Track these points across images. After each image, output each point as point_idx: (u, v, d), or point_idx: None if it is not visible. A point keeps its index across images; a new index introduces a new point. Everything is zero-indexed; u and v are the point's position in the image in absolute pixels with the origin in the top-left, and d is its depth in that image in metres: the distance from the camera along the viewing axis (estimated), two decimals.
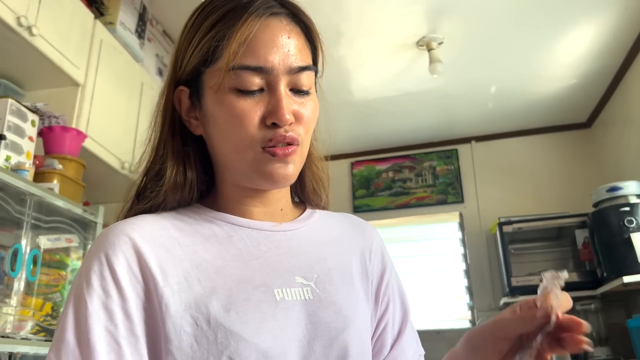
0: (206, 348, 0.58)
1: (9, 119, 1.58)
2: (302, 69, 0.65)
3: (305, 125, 0.67)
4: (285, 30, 0.66)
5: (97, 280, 0.59)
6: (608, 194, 2.66)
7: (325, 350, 0.63)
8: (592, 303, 2.90)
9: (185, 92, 0.69)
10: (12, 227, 1.53)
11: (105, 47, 2.28)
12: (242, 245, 0.66)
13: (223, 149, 0.67)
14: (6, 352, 1.42)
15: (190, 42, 0.67)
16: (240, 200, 0.70)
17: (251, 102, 0.63)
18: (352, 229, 0.79)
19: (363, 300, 0.71)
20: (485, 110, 3.31)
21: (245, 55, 0.63)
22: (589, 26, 2.50)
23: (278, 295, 0.64)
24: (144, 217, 0.66)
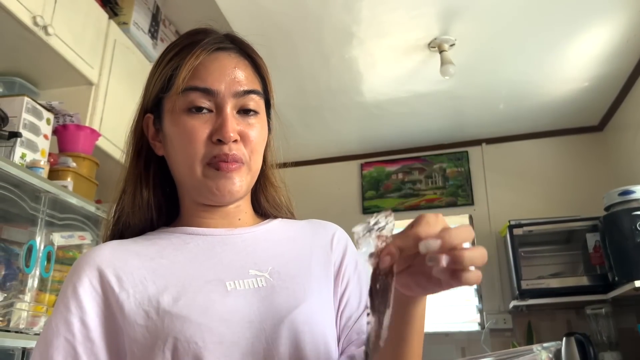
0: (155, 334, 0.65)
1: (24, 117, 1.60)
2: (247, 92, 0.75)
3: (250, 145, 0.74)
4: (232, 62, 0.76)
5: (62, 301, 0.69)
6: (620, 198, 2.64)
7: (275, 328, 0.67)
8: (603, 307, 2.87)
9: (150, 118, 0.78)
10: (26, 224, 1.55)
11: (118, 46, 2.30)
12: (197, 250, 0.73)
13: (177, 165, 0.75)
14: (20, 347, 1.44)
15: (154, 74, 0.78)
16: (199, 214, 0.77)
17: (200, 121, 0.72)
18: (313, 228, 0.84)
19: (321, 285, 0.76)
20: (497, 113, 3.30)
21: (194, 79, 0.73)
22: (602, 29, 2.49)
23: (229, 287, 0.70)
24: (111, 242, 0.75)
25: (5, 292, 1.44)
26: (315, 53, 2.65)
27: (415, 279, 0.54)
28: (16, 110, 1.59)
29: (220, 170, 0.72)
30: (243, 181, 0.74)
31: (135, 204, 0.77)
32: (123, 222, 0.77)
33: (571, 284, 2.91)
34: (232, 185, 0.73)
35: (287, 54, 2.63)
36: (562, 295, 2.89)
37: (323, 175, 3.79)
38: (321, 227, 0.85)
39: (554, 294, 2.90)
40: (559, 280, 2.95)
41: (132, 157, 0.79)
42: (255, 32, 2.44)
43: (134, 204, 0.77)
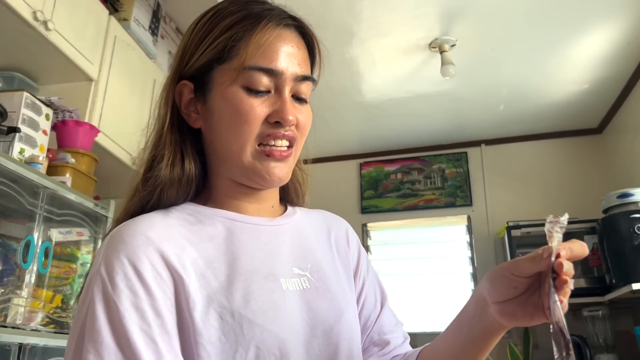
0: (234, 340, 0.61)
1: (23, 112, 1.59)
2: (305, 78, 0.71)
3: (301, 130, 0.72)
4: (295, 41, 0.72)
5: (123, 282, 0.59)
6: (618, 200, 2.64)
7: (325, 335, 0.67)
8: (600, 309, 2.88)
9: (188, 86, 0.72)
10: (24, 220, 1.55)
11: (119, 43, 2.30)
12: (246, 238, 0.69)
13: (224, 143, 0.70)
14: (16, 342, 1.44)
15: (202, 40, 0.71)
16: (235, 195, 0.73)
17: (258, 101, 0.68)
18: (328, 222, 0.85)
19: (350, 287, 0.77)
20: (496, 114, 3.30)
21: (260, 57, 0.68)
22: (603, 31, 2.49)
23: (284, 285, 0.68)
24: (151, 216, 0.67)
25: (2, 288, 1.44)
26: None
27: (524, 308, 0.57)
28: (15, 106, 1.58)
29: (271, 156, 0.69)
30: (290, 167, 0.72)
31: (174, 175, 0.70)
32: (158, 193, 0.69)
33: None
34: (282, 172, 0.70)
35: None
36: None
37: (322, 174, 3.79)
38: (334, 221, 0.85)
39: None
40: None
41: (168, 123, 0.72)
42: None
43: (172, 174, 0.70)
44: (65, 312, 1.65)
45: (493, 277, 0.60)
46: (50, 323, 1.57)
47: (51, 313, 1.58)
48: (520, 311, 0.57)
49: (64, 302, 1.65)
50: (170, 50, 2.88)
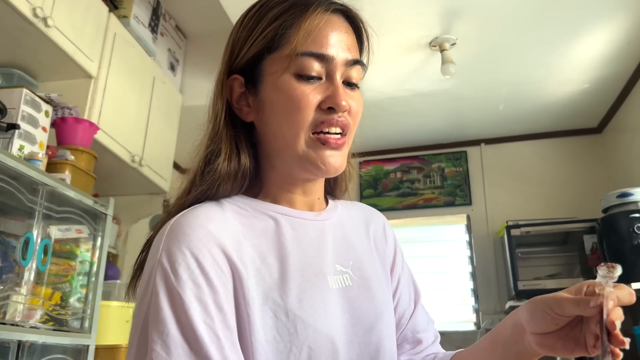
0: (288, 339, 0.61)
1: (23, 108, 1.59)
2: (355, 62, 0.70)
3: (354, 117, 0.70)
4: (343, 26, 0.71)
5: (186, 273, 0.58)
6: (618, 200, 2.64)
7: (366, 334, 0.68)
8: None
9: (239, 80, 0.72)
10: (24, 217, 1.54)
11: (118, 40, 2.29)
12: (296, 234, 0.69)
13: (277, 133, 0.69)
14: (15, 340, 1.43)
15: (251, 32, 0.70)
16: (285, 187, 0.72)
17: (310, 88, 0.67)
18: (366, 216, 0.83)
19: (386, 283, 0.77)
20: (496, 113, 3.30)
21: (310, 43, 0.67)
22: (603, 31, 2.48)
23: (331, 283, 0.68)
24: (208, 208, 0.66)
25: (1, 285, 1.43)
26: None
27: (564, 342, 0.57)
28: (14, 102, 1.57)
29: (327, 144, 0.67)
30: (344, 155, 0.71)
31: (231, 169, 0.69)
32: (216, 187, 0.69)
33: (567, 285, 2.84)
34: (337, 160, 0.68)
35: None
36: None
37: None
38: (372, 215, 0.84)
39: None
40: (555, 281, 2.95)
41: (223, 119, 0.72)
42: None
43: (229, 169, 0.69)
44: (64, 309, 1.65)
45: (533, 310, 0.60)
46: (49, 320, 1.57)
47: (50, 310, 1.58)
48: (560, 345, 0.57)
49: (63, 300, 1.65)
50: (170, 47, 2.88)
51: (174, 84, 2.87)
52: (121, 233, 2.76)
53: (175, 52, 2.92)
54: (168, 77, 2.79)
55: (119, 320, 1.97)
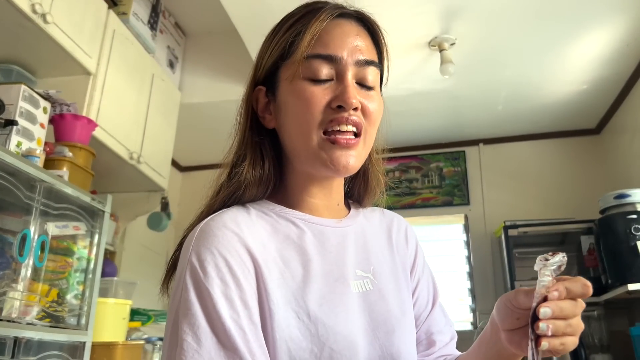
0: (310, 340, 0.64)
1: (21, 105, 1.58)
2: (368, 63, 0.72)
3: (369, 117, 0.71)
4: (354, 29, 0.73)
5: (214, 271, 0.62)
6: (615, 201, 2.64)
7: (388, 336, 0.69)
8: (595, 310, 2.89)
9: (262, 90, 0.76)
10: (21, 213, 1.54)
11: (117, 37, 2.29)
12: (317, 241, 0.72)
13: (292, 135, 0.72)
14: (11, 336, 1.43)
15: (269, 44, 0.75)
16: (306, 190, 0.75)
17: (320, 89, 0.69)
18: (388, 221, 0.84)
19: (406, 287, 0.78)
20: (495, 113, 3.30)
21: (318, 45, 0.70)
22: (602, 32, 2.49)
23: (352, 287, 0.70)
24: (235, 212, 0.70)
25: None
26: None
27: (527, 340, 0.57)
28: (13, 98, 1.57)
29: (336, 144, 0.69)
30: (358, 156, 0.71)
31: (256, 174, 0.73)
32: (242, 190, 0.72)
33: None
34: (348, 158, 0.69)
35: None
36: None
37: None
38: (394, 220, 0.86)
39: None
40: None
41: (248, 127, 0.76)
42: (255, 26, 2.43)
43: (254, 174, 0.73)
44: (61, 306, 1.65)
45: (499, 305, 0.62)
46: (45, 317, 1.57)
47: (47, 307, 1.58)
48: (525, 343, 0.58)
49: (60, 296, 1.65)
50: (169, 45, 2.87)
51: (173, 81, 2.87)
52: (119, 230, 2.76)
53: (174, 49, 2.92)
54: (167, 74, 2.78)
55: (116, 317, 1.97)
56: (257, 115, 0.76)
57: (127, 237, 2.92)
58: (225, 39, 2.91)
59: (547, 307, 0.54)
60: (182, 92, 2.95)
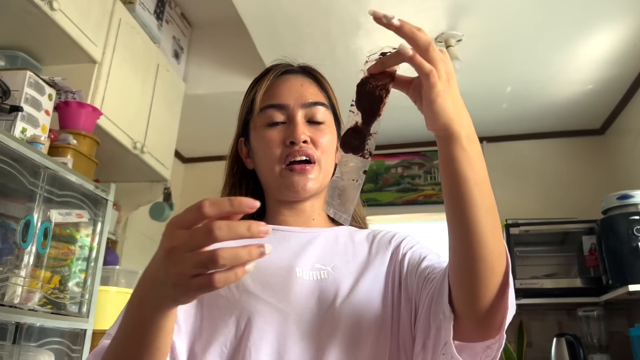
0: (234, 305, 0.76)
1: (26, 91, 1.58)
2: (314, 104, 0.88)
3: (320, 147, 0.86)
4: (299, 80, 0.90)
5: None
6: (618, 202, 2.64)
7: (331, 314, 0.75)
8: (595, 310, 2.89)
9: (242, 141, 0.94)
10: (24, 199, 1.54)
11: (123, 26, 2.28)
12: (275, 242, 0.83)
13: (262, 171, 0.89)
14: (13, 321, 1.44)
15: (242, 102, 0.94)
16: (280, 211, 0.90)
17: (276, 131, 0.86)
18: (375, 234, 0.91)
19: (377, 275, 0.82)
20: (499, 112, 3.29)
21: (270, 98, 0.88)
22: (610, 32, 2.48)
23: (298, 273, 0.80)
24: None
25: (0, 267, 1.44)
26: (321, 42, 2.63)
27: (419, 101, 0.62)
28: (18, 84, 1.57)
29: (294, 171, 0.84)
30: (315, 179, 0.85)
31: None
32: None
33: (564, 285, 2.92)
34: (305, 181, 0.84)
35: (292, 41, 2.62)
36: (555, 296, 2.90)
37: None
38: (384, 231, 0.92)
39: (547, 294, 2.91)
40: (552, 281, 2.96)
41: (228, 173, 0.95)
42: (261, 17, 2.43)
43: None
44: (63, 293, 1.65)
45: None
46: (47, 303, 1.57)
47: (49, 294, 1.58)
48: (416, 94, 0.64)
49: (62, 283, 1.65)
50: (175, 35, 2.87)
51: (178, 72, 2.87)
52: (121, 219, 2.76)
53: (180, 40, 2.91)
54: (172, 65, 2.78)
55: (117, 305, 1.98)
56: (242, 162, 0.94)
57: (129, 226, 2.92)
58: (231, 30, 2.90)
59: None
60: (187, 83, 2.94)
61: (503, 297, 0.61)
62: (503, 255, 0.62)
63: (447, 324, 0.62)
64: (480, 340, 0.64)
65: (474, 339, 0.64)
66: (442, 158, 0.61)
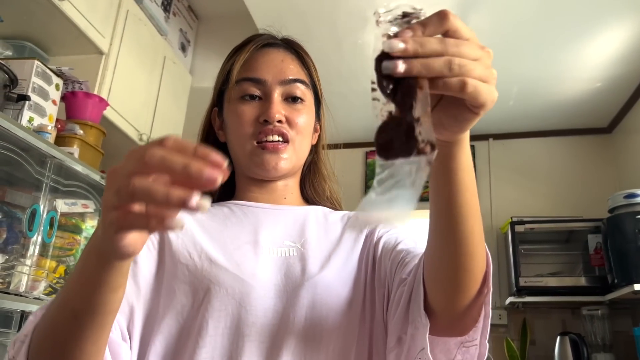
0: (193, 273, 0.73)
1: (34, 80, 1.58)
2: (294, 81, 0.84)
3: (296, 127, 0.83)
4: (280, 55, 0.86)
5: None
6: (624, 201, 2.63)
7: (295, 292, 0.73)
8: (599, 309, 2.88)
9: (216, 111, 0.90)
10: (31, 189, 1.55)
11: (131, 17, 2.28)
12: (244, 218, 0.82)
13: (232, 146, 0.85)
14: (18, 310, 1.44)
15: (219, 72, 0.90)
16: (250, 188, 0.86)
17: (250, 107, 0.82)
18: (349, 218, 0.87)
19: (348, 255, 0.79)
20: (506, 109, 3.28)
21: (246, 70, 0.84)
22: (618, 30, 2.46)
23: (264, 250, 0.77)
24: None
25: (6, 255, 1.44)
26: (328, 36, 2.62)
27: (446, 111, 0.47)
28: (26, 74, 1.57)
29: (266, 149, 0.80)
30: (288, 159, 0.82)
31: None
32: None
33: (569, 283, 2.91)
34: (277, 160, 0.81)
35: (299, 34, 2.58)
36: (559, 295, 2.90)
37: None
38: (355, 216, 0.88)
39: (552, 292, 2.90)
40: (557, 279, 2.95)
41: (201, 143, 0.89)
42: (269, 10, 2.42)
43: None
44: None
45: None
46: (52, 292, 1.58)
47: (54, 283, 1.59)
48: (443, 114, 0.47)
49: (67, 273, 1.65)
50: (182, 27, 2.86)
51: (184, 64, 2.86)
52: None
53: (186, 32, 2.91)
54: (178, 57, 2.78)
55: None
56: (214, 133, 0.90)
57: None
58: (238, 23, 2.90)
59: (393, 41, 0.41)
60: (193, 75, 2.94)
61: (478, 299, 0.60)
62: (484, 262, 0.60)
63: (423, 331, 0.61)
64: (454, 336, 0.63)
65: (447, 334, 0.63)
66: (444, 166, 0.53)
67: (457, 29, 0.44)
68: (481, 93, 0.43)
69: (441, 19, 0.44)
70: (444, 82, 0.42)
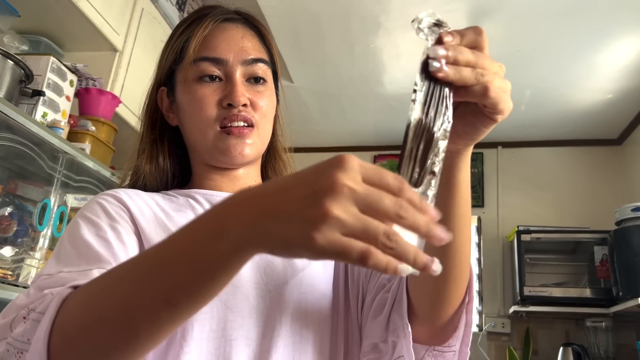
0: None
1: (49, 76, 1.60)
2: (255, 60, 0.78)
3: (260, 111, 0.77)
4: (240, 32, 0.79)
5: (89, 212, 0.68)
6: (633, 214, 2.62)
7: (279, 290, 0.70)
8: (603, 321, 2.87)
9: (164, 91, 0.82)
10: (42, 183, 1.57)
11: (145, 15, 2.30)
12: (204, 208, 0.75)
13: (190, 131, 0.78)
14: None
15: (167, 48, 0.82)
16: (209, 176, 0.80)
17: (210, 89, 0.75)
18: None
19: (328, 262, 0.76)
20: (516, 117, 3.27)
21: (203, 49, 0.76)
22: (632, 41, 2.45)
23: None
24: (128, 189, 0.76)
25: (16, 247, 1.46)
26: (340, 40, 2.63)
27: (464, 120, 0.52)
28: (41, 69, 1.59)
29: (231, 134, 0.75)
30: (253, 144, 0.76)
31: (152, 167, 0.80)
32: (142, 179, 0.79)
33: (574, 294, 2.90)
34: (243, 146, 0.75)
35: (312, 37, 2.62)
36: (563, 305, 2.89)
37: None
38: None
39: (556, 303, 2.90)
40: (562, 289, 2.94)
41: (147, 127, 0.82)
42: (282, 12, 2.43)
43: (150, 167, 0.80)
44: None
45: None
46: None
47: None
48: (460, 123, 0.52)
49: None
50: None
51: None
52: None
53: None
54: None
55: None
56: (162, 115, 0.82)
57: None
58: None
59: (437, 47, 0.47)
60: None
61: (460, 308, 0.62)
62: (469, 272, 0.62)
63: (406, 340, 0.62)
64: (433, 345, 0.64)
65: (427, 342, 0.64)
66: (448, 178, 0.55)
67: (485, 45, 0.50)
68: (501, 100, 0.49)
69: (477, 34, 0.50)
70: (468, 89, 0.48)
